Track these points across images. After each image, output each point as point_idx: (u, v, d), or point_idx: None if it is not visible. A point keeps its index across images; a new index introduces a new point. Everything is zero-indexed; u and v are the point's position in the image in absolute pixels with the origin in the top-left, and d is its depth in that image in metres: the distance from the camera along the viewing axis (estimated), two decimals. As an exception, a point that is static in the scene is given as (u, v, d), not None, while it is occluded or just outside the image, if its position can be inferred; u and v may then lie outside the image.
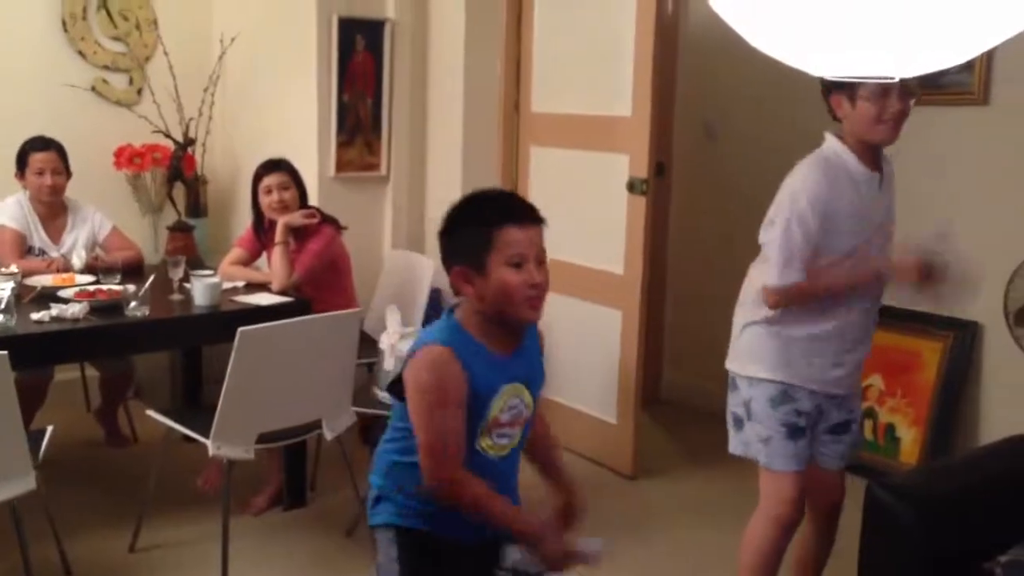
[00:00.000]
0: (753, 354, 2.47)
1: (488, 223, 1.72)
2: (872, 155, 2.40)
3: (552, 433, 2.02)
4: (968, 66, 3.55)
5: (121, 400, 4.06)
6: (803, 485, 2.48)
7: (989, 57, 3.50)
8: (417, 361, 1.72)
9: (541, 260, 1.75)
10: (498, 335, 1.77)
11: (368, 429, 3.99)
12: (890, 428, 3.88)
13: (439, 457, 1.70)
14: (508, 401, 1.77)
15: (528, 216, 1.75)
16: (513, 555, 1.79)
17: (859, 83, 2.25)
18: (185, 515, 3.35)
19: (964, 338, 3.67)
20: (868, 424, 3.93)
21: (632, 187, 3.73)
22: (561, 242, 4.16)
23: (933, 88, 3.69)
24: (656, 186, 4.28)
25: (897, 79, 1.10)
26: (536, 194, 4.23)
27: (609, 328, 3.91)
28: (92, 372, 4.16)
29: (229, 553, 2.88)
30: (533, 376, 1.84)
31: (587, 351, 4.04)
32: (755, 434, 2.47)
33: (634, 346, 3.84)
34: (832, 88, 2.35)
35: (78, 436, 4.07)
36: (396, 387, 1.79)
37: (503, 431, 1.78)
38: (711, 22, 4.58)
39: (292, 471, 3.47)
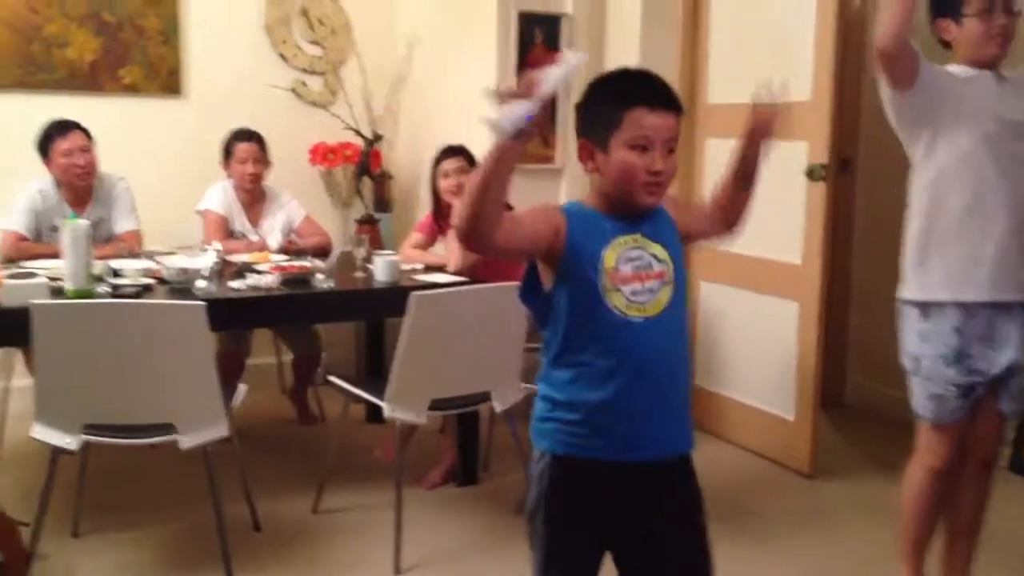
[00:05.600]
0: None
1: (618, 101, 1.68)
2: None
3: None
4: None
5: (311, 381, 4.30)
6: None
7: None
8: None
9: (671, 148, 1.70)
10: (616, 208, 1.74)
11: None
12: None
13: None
14: (626, 252, 1.71)
15: (663, 100, 1.69)
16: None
17: (964, 2, 2.33)
18: (364, 484, 3.51)
19: None
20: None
21: (811, 174, 3.63)
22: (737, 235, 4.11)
23: None
24: (840, 182, 4.15)
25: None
26: (712, 186, 4.18)
27: (785, 321, 3.80)
28: (286, 357, 4.43)
29: (403, 521, 2.98)
30: (666, 238, 1.77)
31: (762, 345, 3.94)
32: (923, 390, 2.45)
33: (813, 339, 3.71)
34: (938, 14, 2.41)
35: (272, 414, 4.35)
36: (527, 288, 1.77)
37: (632, 287, 1.70)
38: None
39: (466, 450, 3.57)
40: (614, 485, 1.75)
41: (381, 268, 3.34)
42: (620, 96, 1.70)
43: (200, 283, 3.10)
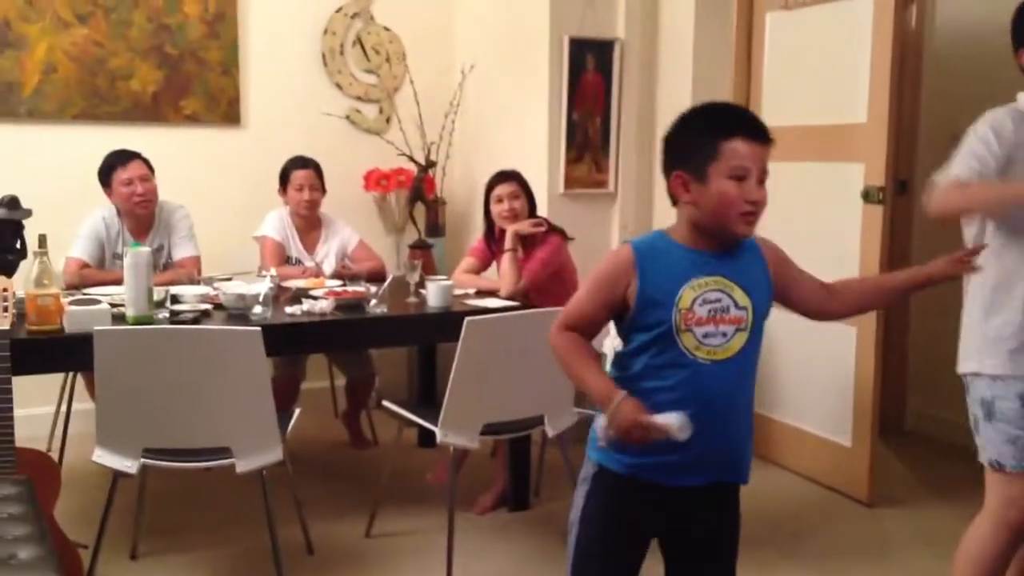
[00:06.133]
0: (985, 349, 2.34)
1: (716, 132, 1.71)
2: None
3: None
4: None
5: (364, 405, 4.33)
6: None
7: None
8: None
9: (762, 179, 1.73)
10: (706, 241, 1.76)
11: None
12: None
13: (562, 313, 1.84)
14: (705, 293, 1.73)
15: (758, 132, 1.73)
16: (599, 421, 1.72)
17: None
18: (416, 508, 3.52)
19: None
20: None
21: (867, 196, 3.58)
22: (792, 257, 4.05)
23: None
24: (898, 204, 4.09)
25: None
26: (766, 210, 4.14)
27: (843, 346, 3.74)
28: (340, 381, 4.47)
29: (454, 545, 2.99)
30: (751, 281, 1.79)
31: (819, 370, 3.89)
32: (999, 435, 2.32)
33: (871, 365, 3.66)
34: (1019, 45, 2.33)
35: (325, 438, 4.38)
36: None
37: (705, 329, 1.73)
38: (959, 38, 4.28)
39: (517, 474, 3.56)
40: (659, 502, 1.83)
41: (434, 293, 3.37)
42: (717, 127, 1.73)
43: (256, 309, 3.15)
